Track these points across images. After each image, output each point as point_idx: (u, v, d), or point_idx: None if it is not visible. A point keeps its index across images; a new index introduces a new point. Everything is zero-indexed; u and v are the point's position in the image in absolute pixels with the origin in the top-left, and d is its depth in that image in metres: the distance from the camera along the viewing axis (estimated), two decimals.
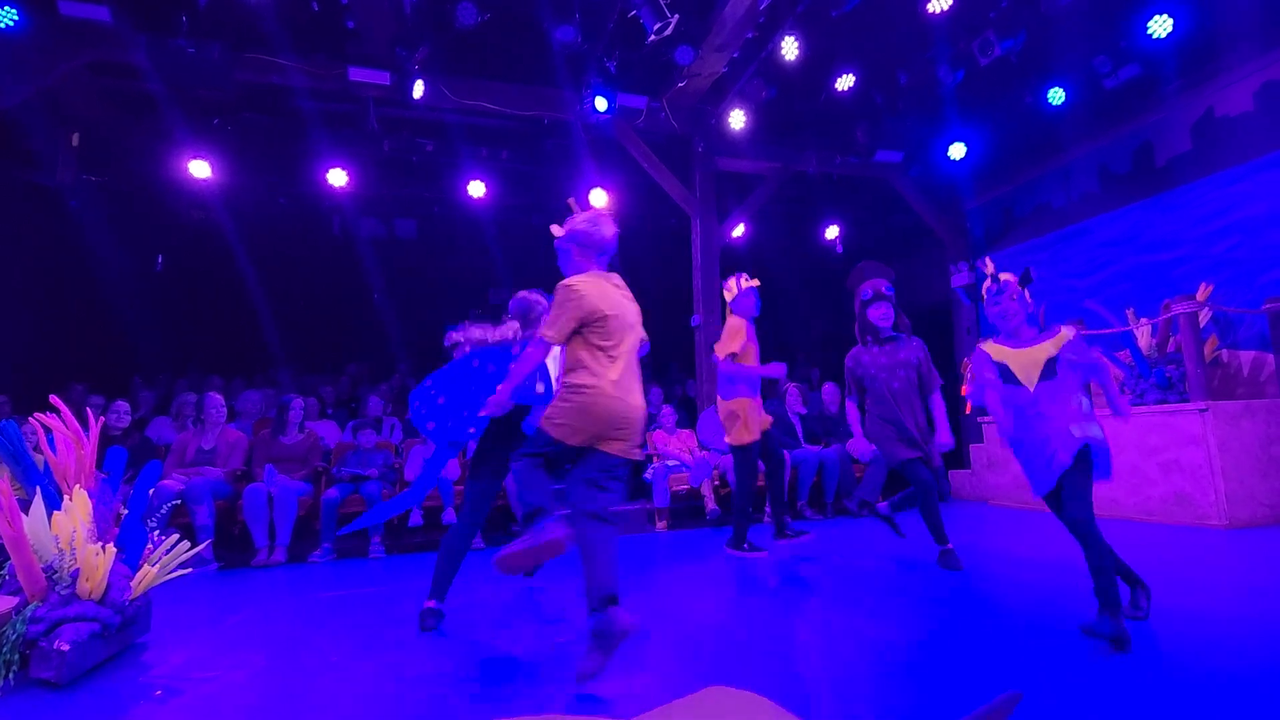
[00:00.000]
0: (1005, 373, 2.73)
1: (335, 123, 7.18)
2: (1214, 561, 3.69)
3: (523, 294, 3.47)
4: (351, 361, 9.50)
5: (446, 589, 3.11)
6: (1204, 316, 5.62)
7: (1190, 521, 4.86)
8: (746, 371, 4.43)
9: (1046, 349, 2.68)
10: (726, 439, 4.54)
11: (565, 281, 2.58)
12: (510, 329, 3.42)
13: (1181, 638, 2.41)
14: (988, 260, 3.09)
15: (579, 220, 2.74)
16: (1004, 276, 2.85)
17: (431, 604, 3.06)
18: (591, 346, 2.50)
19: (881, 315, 4.25)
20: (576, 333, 2.51)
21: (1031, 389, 2.65)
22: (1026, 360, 2.69)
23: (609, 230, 2.73)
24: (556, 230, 2.81)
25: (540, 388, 3.22)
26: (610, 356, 2.50)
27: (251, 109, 7.12)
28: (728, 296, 4.75)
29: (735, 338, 4.44)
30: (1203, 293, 5.70)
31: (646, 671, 2.34)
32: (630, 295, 2.74)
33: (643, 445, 7.01)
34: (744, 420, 4.41)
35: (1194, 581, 3.26)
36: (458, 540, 3.13)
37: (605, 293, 2.57)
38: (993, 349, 2.79)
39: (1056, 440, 2.55)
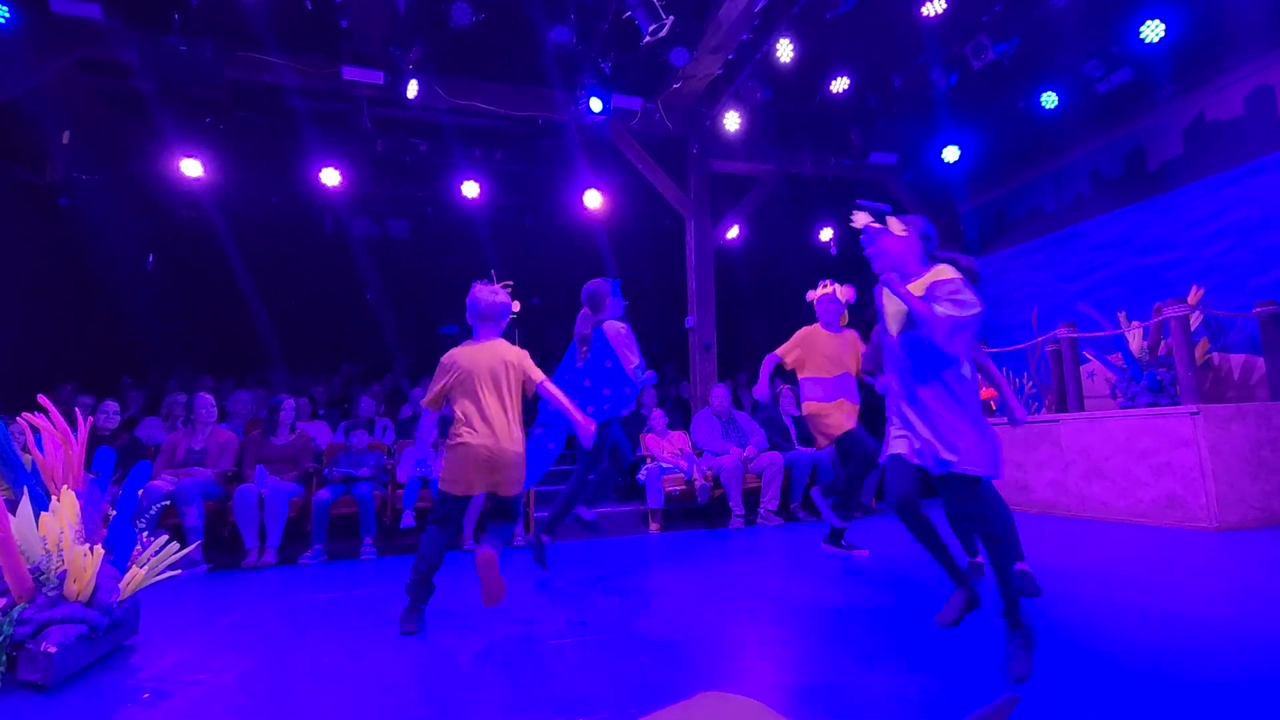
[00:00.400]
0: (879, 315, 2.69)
1: (329, 122, 7.15)
2: (1204, 564, 3.71)
3: (594, 281, 4.01)
4: (344, 362, 9.47)
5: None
6: (1195, 320, 5.66)
7: (1181, 524, 4.89)
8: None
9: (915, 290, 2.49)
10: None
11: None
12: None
13: (1175, 640, 2.41)
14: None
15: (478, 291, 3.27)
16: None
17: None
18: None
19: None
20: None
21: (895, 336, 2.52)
22: (894, 308, 2.63)
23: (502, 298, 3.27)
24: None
25: (606, 391, 3.91)
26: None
27: (244, 107, 7.08)
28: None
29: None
30: (1194, 296, 5.74)
31: (639, 676, 2.33)
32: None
33: (636, 447, 7.02)
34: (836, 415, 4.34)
35: (1184, 584, 3.28)
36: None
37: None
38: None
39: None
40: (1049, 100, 6.73)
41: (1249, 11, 5.62)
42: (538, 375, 3.21)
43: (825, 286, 4.54)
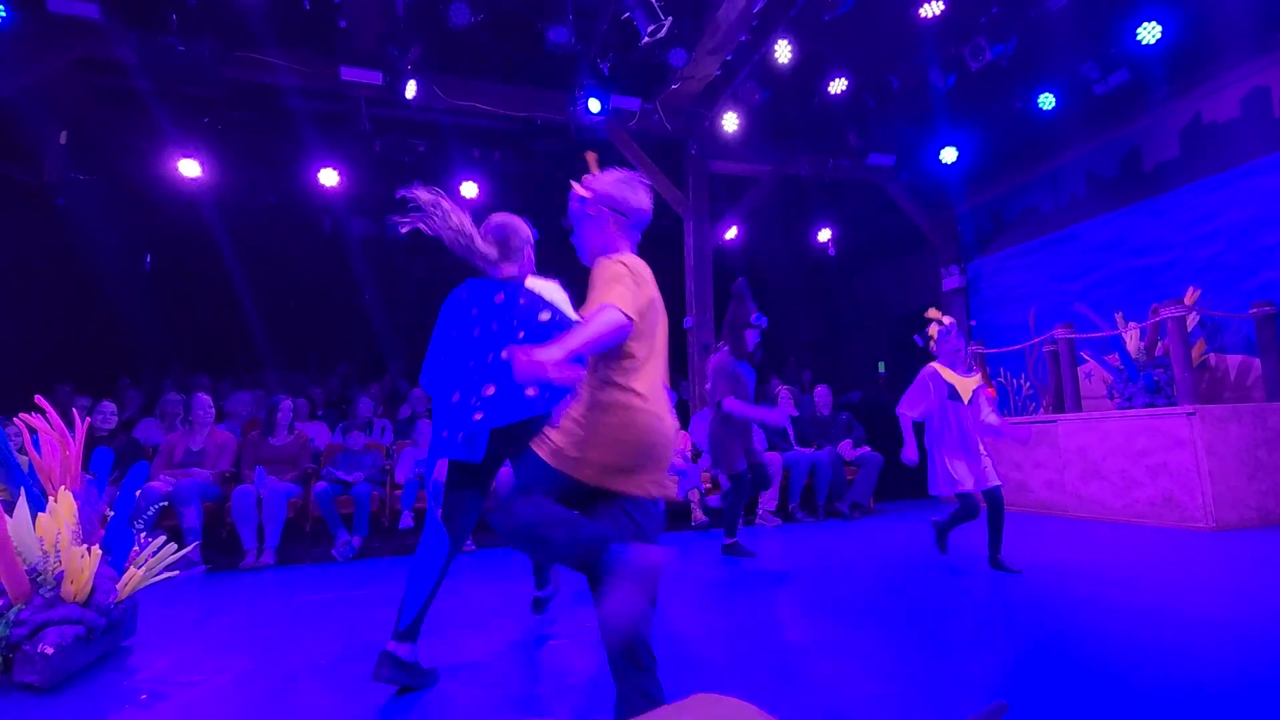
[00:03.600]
0: (953, 392, 3.75)
1: (326, 122, 7.14)
2: (1200, 564, 3.72)
3: (500, 216, 2.76)
4: (342, 362, 9.46)
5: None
6: (1191, 320, 5.68)
7: (1177, 524, 4.90)
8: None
9: (973, 383, 3.80)
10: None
11: (616, 257, 1.88)
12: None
13: (1170, 640, 2.42)
14: (935, 312, 3.99)
15: (607, 180, 2.06)
16: (947, 320, 3.90)
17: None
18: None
19: (754, 341, 4.72)
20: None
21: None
22: (964, 386, 3.77)
23: (647, 199, 2.08)
24: (581, 190, 2.09)
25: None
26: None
27: (242, 107, 7.07)
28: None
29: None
30: (1190, 297, 5.75)
31: None
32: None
33: None
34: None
35: (1180, 584, 3.28)
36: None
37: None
38: (944, 371, 3.81)
39: (987, 460, 3.72)
40: (1046, 101, 6.75)
41: (1245, 14, 5.64)
42: None
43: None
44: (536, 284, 2.66)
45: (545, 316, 2.50)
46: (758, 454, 4.65)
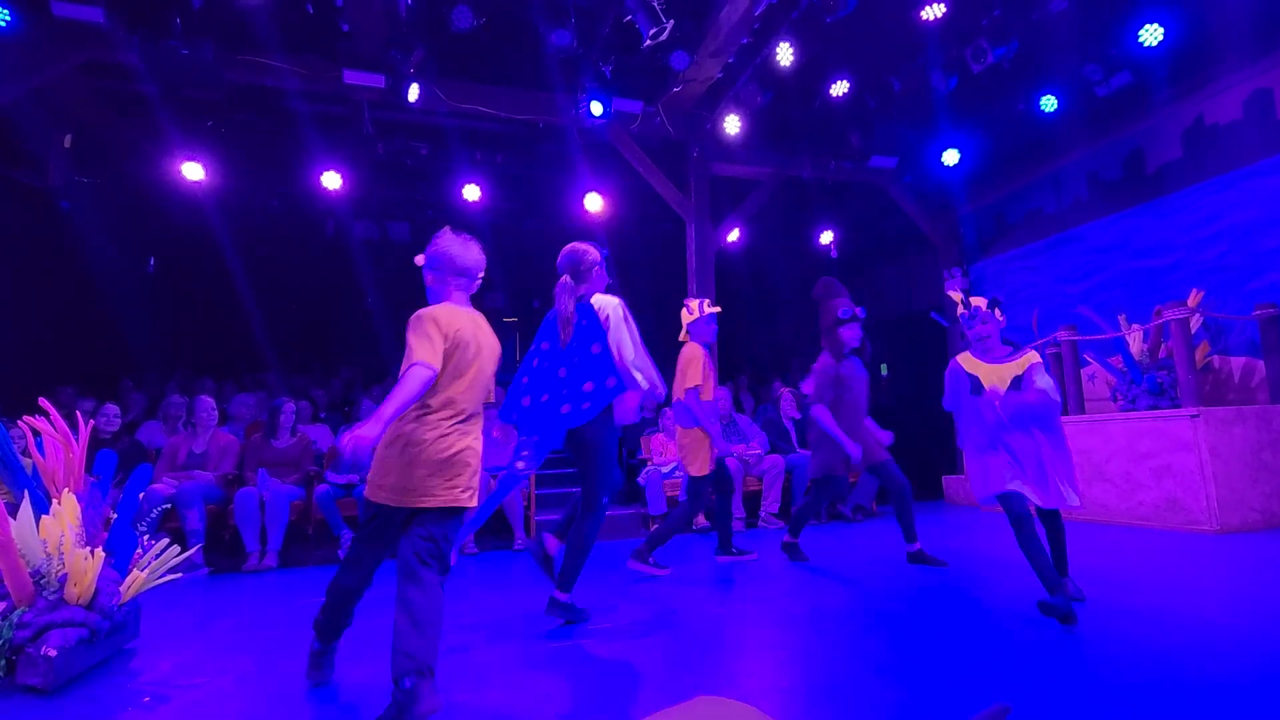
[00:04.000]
0: (975, 385, 3.12)
1: (329, 125, 7.16)
2: (1204, 566, 3.71)
3: (567, 247, 3.16)
4: (344, 365, 9.47)
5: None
6: (1195, 322, 5.66)
7: (1181, 526, 4.89)
8: (708, 412, 4.20)
9: (1013, 369, 3.07)
10: (685, 469, 4.30)
11: (429, 309, 2.32)
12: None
13: (1174, 643, 2.41)
14: (957, 286, 3.37)
15: (441, 243, 2.42)
16: (975, 301, 3.26)
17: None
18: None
19: (854, 336, 4.50)
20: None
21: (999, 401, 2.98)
22: (995, 376, 3.08)
23: (477, 253, 2.47)
24: (418, 260, 2.49)
25: (589, 385, 2.92)
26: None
27: (245, 110, 7.09)
28: (686, 318, 4.37)
29: (694, 367, 4.16)
30: (1194, 299, 5.74)
31: (634, 679, 2.33)
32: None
33: (635, 450, 7.01)
34: (703, 452, 4.21)
35: (1184, 587, 3.27)
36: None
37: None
38: (966, 361, 3.22)
39: (1050, 466, 2.93)
40: (1048, 104, 6.74)
41: (1247, 16, 5.63)
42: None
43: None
44: (599, 300, 3.11)
45: (596, 349, 2.97)
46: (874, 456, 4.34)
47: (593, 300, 3.11)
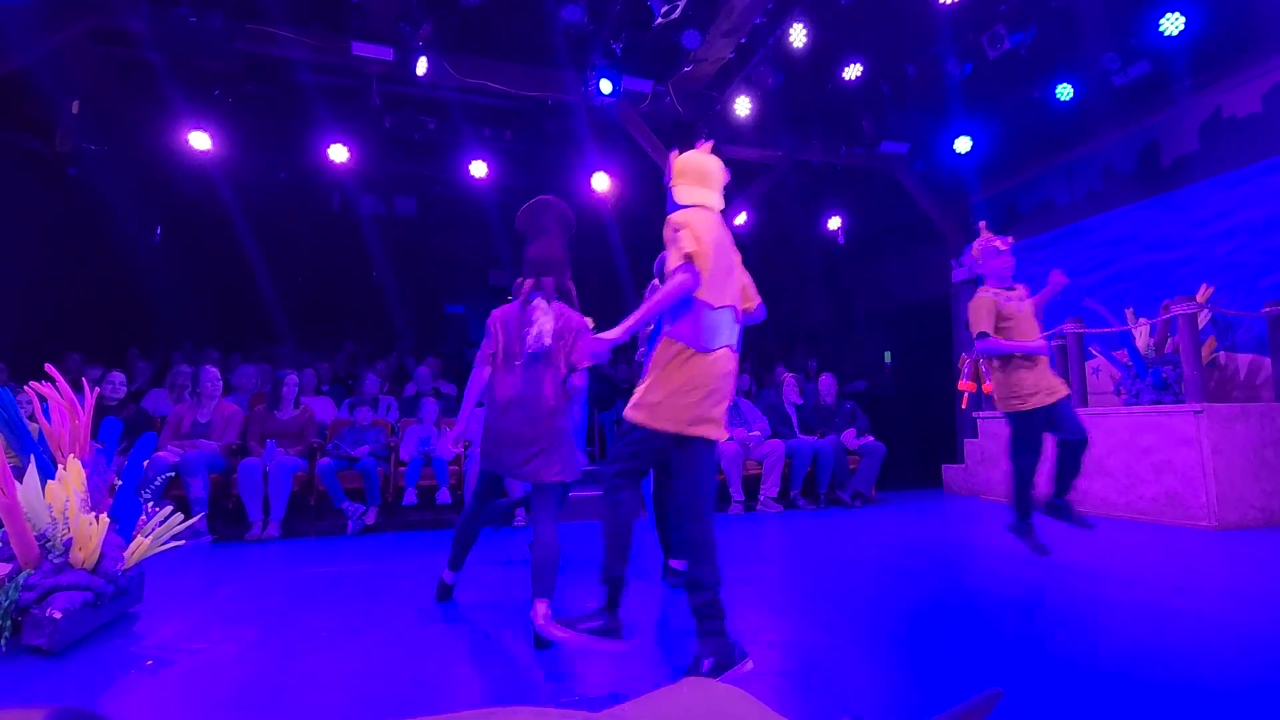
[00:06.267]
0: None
1: (337, 97, 7.11)
2: (1201, 563, 3.72)
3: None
4: (349, 338, 9.49)
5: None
6: (1203, 318, 5.62)
7: (1180, 522, 4.89)
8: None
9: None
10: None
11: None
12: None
13: (1166, 637, 2.43)
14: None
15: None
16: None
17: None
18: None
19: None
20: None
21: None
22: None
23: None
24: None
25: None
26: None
27: (253, 80, 7.04)
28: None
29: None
30: (1203, 294, 5.69)
31: (624, 662, 2.35)
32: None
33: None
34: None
35: (1180, 582, 3.29)
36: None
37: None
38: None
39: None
40: (1064, 92, 6.64)
41: (1270, 6, 5.52)
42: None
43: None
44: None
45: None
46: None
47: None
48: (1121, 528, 4.84)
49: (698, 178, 2.38)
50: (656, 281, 3.31)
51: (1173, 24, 5.69)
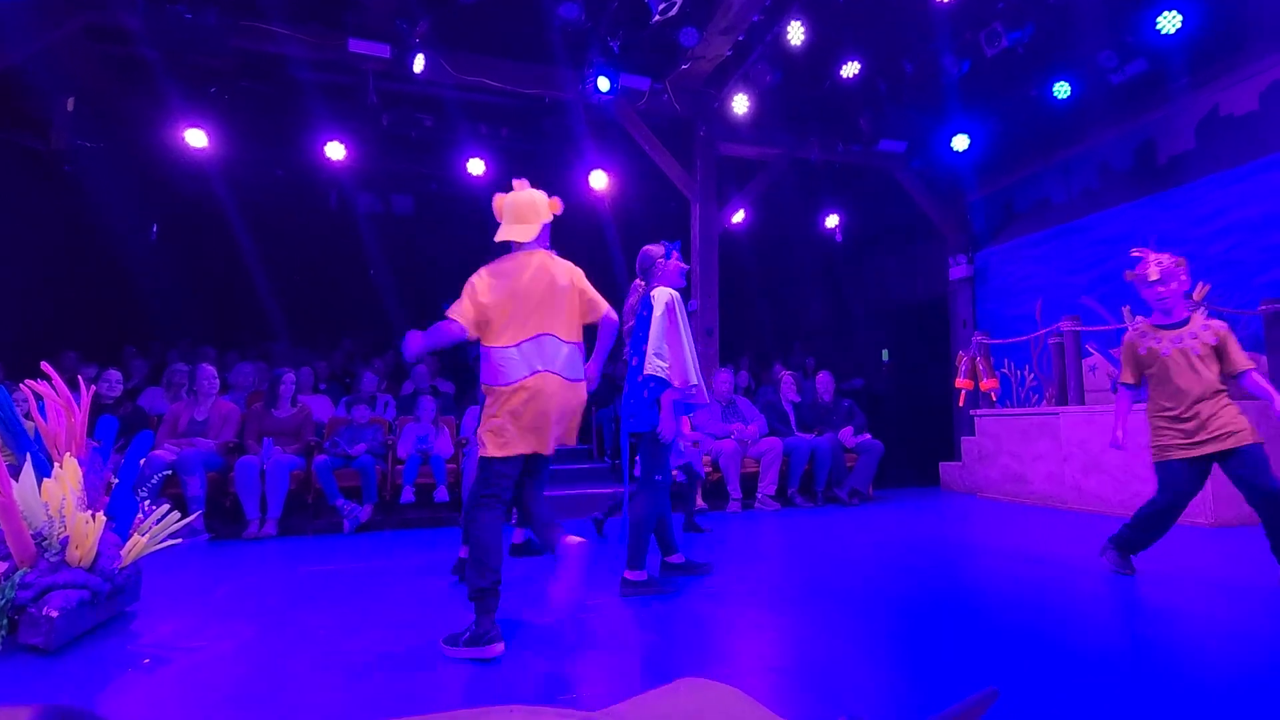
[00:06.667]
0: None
1: (334, 95, 7.09)
2: (1197, 559, 3.73)
3: (646, 246, 3.43)
4: (347, 336, 9.48)
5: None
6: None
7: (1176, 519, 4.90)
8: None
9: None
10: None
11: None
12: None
13: (1162, 633, 2.44)
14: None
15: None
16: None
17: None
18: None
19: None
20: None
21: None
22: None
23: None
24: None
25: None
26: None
27: (249, 78, 7.02)
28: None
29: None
30: (1199, 292, 5.71)
31: (618, 661, 2.36)
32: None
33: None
34: None
35: (1176, 578, 3.30)
36: None
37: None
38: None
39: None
40: (1061, 90, 6.65)
41: (1267, 5, 5.53)
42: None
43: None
44: (656, 291, 3.26)
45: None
46: None
47: (652, 292, 3.27)
48: (1118, 525, 4.84)
49: (511, 216, 2.66)
50: (639, 282, 3.46)
51: (1170, 22, 5.69)
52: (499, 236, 2.65)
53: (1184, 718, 1.73)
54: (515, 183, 2.77)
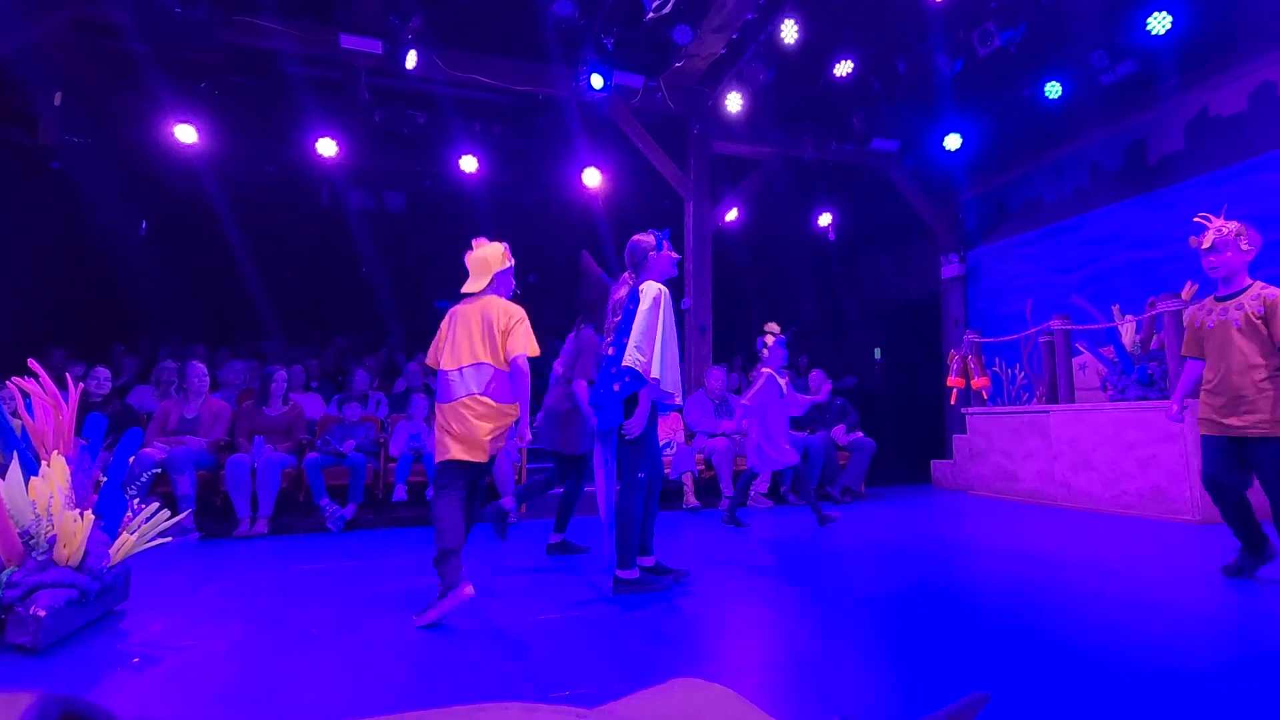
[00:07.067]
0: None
1: (325, 91, 7.05)
2: (1183, 556, 3.76)
3: (635, 237, 3.38)
4: (338, 334, 9.44)
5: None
6: (1188, 315, 5.67)
7: (1164, 516, 4.95)
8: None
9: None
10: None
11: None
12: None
13: (1151, 631, 2.46)
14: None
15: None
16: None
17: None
18: None
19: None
20: None
21: None
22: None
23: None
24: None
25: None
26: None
27: (239, 73, 6.97)
28: None
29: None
30: (1188, 291, 5.74)
31: (612, 659, 2.36)
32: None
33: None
34: None
35: (1164, 575, 3.32)
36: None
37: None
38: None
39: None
40: (1053, 90, 6.69)
41: (1257, 7, 5.58)
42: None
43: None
44: (646, 285, 3.23)
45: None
46: None
47: (641, 286, 3.23)
48: (1107, 522, 4.89)
49: (471, 270, 3.14)
50: (628, 274, 3.36)
51: (1160, 23, 5.73)
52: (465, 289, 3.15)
53: (1174, 713, 1.74)
54: (474, 241, 3.17)
